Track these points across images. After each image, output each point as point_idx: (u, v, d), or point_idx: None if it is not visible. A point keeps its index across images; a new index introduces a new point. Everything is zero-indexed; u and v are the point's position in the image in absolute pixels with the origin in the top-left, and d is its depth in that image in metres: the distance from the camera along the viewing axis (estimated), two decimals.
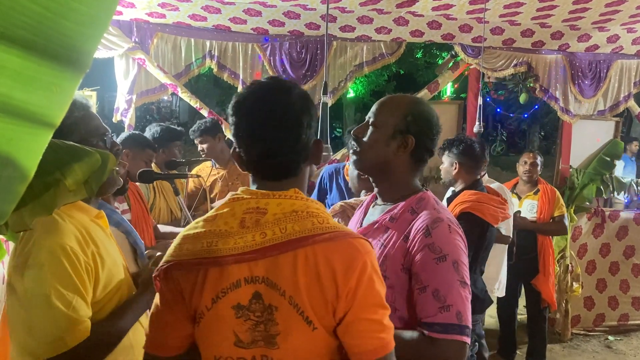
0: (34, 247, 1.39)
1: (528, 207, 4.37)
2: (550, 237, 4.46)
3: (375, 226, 1.63)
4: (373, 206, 1.76)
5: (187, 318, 1.25)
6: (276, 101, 1.24)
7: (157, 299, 1.28)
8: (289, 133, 1.25)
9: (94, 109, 1.71)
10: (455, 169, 3.21)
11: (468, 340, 1.44)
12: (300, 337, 1.17)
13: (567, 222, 4.43)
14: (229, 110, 1.27)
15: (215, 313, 1.21)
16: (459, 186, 3.23)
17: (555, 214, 4.33)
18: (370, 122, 1.67)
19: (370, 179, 1.73)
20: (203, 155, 4.11)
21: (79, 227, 1.50)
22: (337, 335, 1.19)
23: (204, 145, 4.05)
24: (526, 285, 4.45)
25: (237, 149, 1.28)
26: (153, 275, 1.26)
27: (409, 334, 1.46)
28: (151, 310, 1.31)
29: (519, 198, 4.44)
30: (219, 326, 1.21)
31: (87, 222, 1.56)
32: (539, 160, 4.46)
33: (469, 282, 1.50)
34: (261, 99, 1.25)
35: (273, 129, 1.24)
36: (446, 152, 3.27)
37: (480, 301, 3.04)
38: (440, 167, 3.37)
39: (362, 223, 1.76)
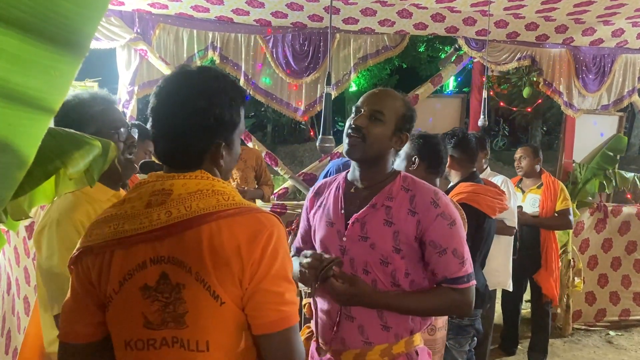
0: (49, 220, 1.63)
1: (531, 202, 4.32)
2: (554, 232, 4.39)
3: (375, 207, 1.75)
4: (354, 190, 1.84)
5: (97, 305, 1.25)
6: (180, 83, 1.26)
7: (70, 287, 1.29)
8: (188, 115, 1.23)
9: (116, 104, 1.84)
10: (448, 162, 3.17)
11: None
12: (209, 314, 1.17)
13: (572, 216, 4.33)
14: None
15: (123, 296, 1.21)
16: (454, 179, 3.21)
17: (559, 208, 4.25)
18: (376, 116, 1.75)
19: (358, 165, 1.82)
20: None
21: (94, 204, 1.68)
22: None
23: None
24: (530, 280, 4.43)
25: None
26: (68, 264, 1.27)
27: (436, 294, 1.73)
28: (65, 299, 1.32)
29: (523, 192, 4.41)
30: (127, 309, 1.21)
31: (104, 201, 1.72)
32: (529, 153, 4.37)
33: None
34: (169, 82, 1.27)
35: (171, 110, 1.24)
36: None
37: (481, 295, 3.03)
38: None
39: (343, 208, 1.81)
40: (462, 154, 3.15)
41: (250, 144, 4.70)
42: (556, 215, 4.26)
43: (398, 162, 2.98)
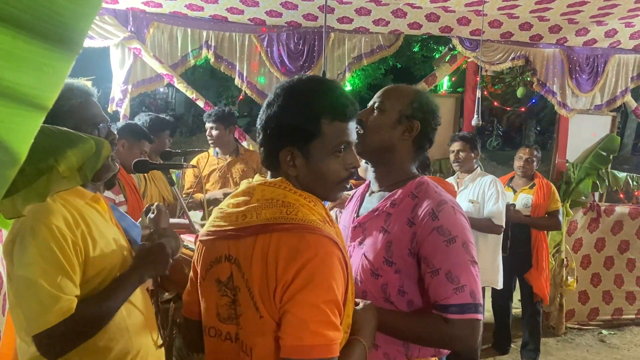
0: (21, 227, 1.43)
1: (523, 201, 4.35)
2: (545, 231, 4.45)
3: (376, 213, 1.64)
4: (369, 194, 1.77)
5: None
6: (278, 88, 1.31)
7: None
8: (263, 119, 1.31)
9: (95, 97, 1.68)
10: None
11: (482, 317, 1.49)
12: (252, 322, 1.20)
13: (561, 217, 4.43)
14: None
15: (205, 284, 1.31)
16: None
17: (550, 209, 4.32)
18: (375, 106, 1.69)
19: (370, 163, 1.74)
20: (210, 140, 4.16)
21: (70, 208, 1.51)
22: None
23: (215, 132, 4.11)
24: (520, 279, 4.46)
25: None
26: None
27: (420, 318, 1.51)
28: None
29: (514, 192, 4.43)
30: (207, 297, 1.31)
31: (81, 205, 1.57)
32: (535, 156, 4.41)
33: (477, 260, 1.54)
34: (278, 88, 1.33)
35: (263, 117, 1.31)
36: None
37: None
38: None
39: (358, 212, 1.75)
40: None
41: (244, 143, 4.69)
42: (547, 216, 4.32)
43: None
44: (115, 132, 1.73)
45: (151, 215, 2.13)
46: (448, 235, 1.49)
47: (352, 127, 1.31)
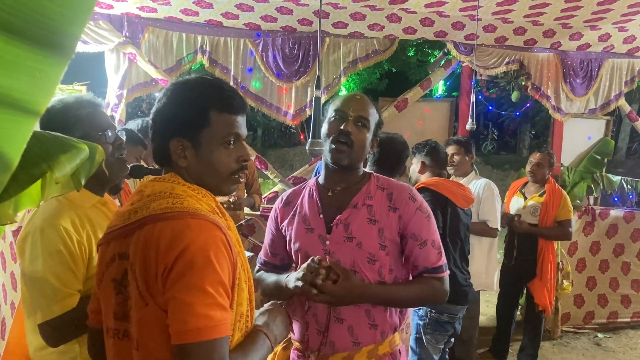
0: (32, 227, 1.60)
1: (531, 209, 4.25)
2: (553, 242, 4.31)
3: (357, 207, 1.80)
4: (330, 194, 1.86)
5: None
6: (169, 85, 1.36)
7: None
8: (155, 116, 1.33)
9: (102, 107, 1.81)
10: (419, 167, 3.31)
11: None
12: (138, 313, 1.19)
13: (572, 227, 4.27)
14: None
15: (103, 286, 1.30)
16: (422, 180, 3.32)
17: (560, 218, 4.19)
18: (362, 122, 1.80)
19: (340, 169, 1.85)
20: None
21: (78, 211, 1.65)
22: None
23: None
24: (525, 287, 4.41)
25: None
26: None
27: (419, 283, 1.81)
28: None
29: (525, 198, 4.34)
30: (105, 298, 1.29)
31: (88, 207, 1.71)
32: (546, 160, 4.30)
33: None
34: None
35: (153, 111, 1.34)
36: (416, 155, 3.36)
37: (463, 292, 3.08)
38: (410, 168, 3.44)
39: (321, 212, 1.83)
40: (432, 161, 3.29)
41: None
42: (556, 224, 4.21)
43: (412, 168, 3.30)
44: (124, 138, 1.83)
45: None
46: (426, 212, 1.81)
47: (242, 121, 1.35)
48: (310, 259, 1.69)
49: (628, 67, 5.40)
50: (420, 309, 3.08)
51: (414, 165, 3.36)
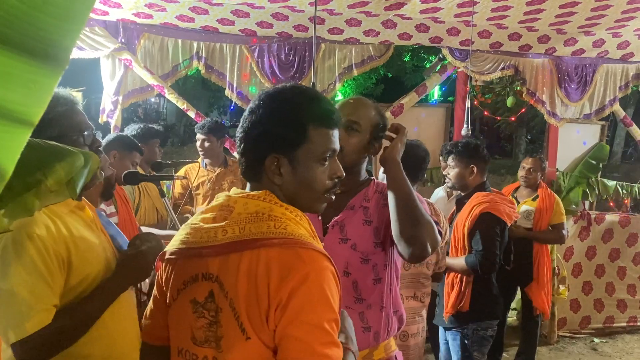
0: (4, 235, 1.42)
1: (524, 214, 4.27)
2: (547, 245, 4.34)
3: (353, 209, 1.82)
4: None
5: (166, 308, 1.27)
6: (262, 95, 1.27)
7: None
8: (246, 126, 1.25)
9: (80, 106, 1.67)
10: (473, 172, 3.18)
11: None
12: (236, 345, 1.12)
13: (565, 231, 4.32)
14: None
15: (178, 305, 1.23)
16: (469, 188, 3.21)
17: (554, 222, 4.24)
18: (350, 127, 1.80)
19: None
20: (200, 151, 4.17)
21: (53, 217, 1.51)
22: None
23: (207, 144, 4.12)
24: (522, 291, 4.41)
25: None
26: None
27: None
28: None
29: (517, 202, 4.34)
30: (180, 318, 1.22)
31: (65, 213, 1.57)
32: (538, 166, 4.36)
33: None
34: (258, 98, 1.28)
35: (243, 126, 1.26)
36: (452, 156, 3.21)
37: (499, 303, 3.23)
38: (447, 171, 3.30)
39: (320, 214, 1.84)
40: (482, 162, 3.21)
41: (235, 153, 4.68)
42: (550, 228, 4.25)
43: (459, 172, 3.20)
44: (101, 140, 1.73)
45: None
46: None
47: (337, 135, 1.30)
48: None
49: (622, 73, 5.43)
50: (465, 328, 3.08)
51: (459, 168, 3.20)
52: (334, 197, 1.34)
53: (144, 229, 3.22)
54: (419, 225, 1.66)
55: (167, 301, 1.26)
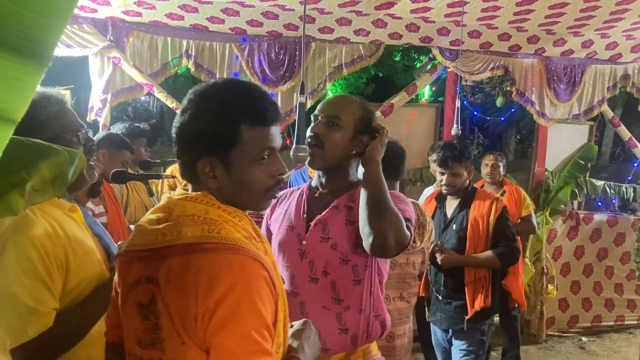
0: (2, 239, 1.41)
1: None
2: (519, 237, 4.41)
3: (337, 208, 1.79)
4: (317, 195, 1.86)
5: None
6: (191, 93, 1.22)
7: None
8: (177, 128, 1.19)
9: (69, 104, 1.66)
10: (471, 173, 3.30)
11: None
12: (174, 350, 1.09)
13: (534, 221, 4.44)
14: None
15: (126, 308, 1.19)
16: (462, 189, 3.27)
17: (523, 214, 4.35)
18: (332, 122, 1.77)
19: (322, 172, 1.85)
20: None
21: (51, 220, 1.49)
22: None
23: None
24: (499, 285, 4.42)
25: None
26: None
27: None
28: None
29: None
30: (128, 322, 1.19)
31: (60, 216, 1.54)
32: (500, 162, 4.47)
33: None
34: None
35: (177, 125, 1.21)
36: (457, 164, 3.18)
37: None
38: (446, 179, 3.24)
39: (305, 212, 1.84)
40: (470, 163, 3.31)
41: None
42: (520, 221, 4.34)
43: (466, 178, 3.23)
44: (94, 139, 1.71)
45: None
46: (400, 197, 1.85)
47: (275, 131, 1.22)
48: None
49: (610, 73, 5.47)
50: (483, 324, 3.13)
51: (465, 174, 3.22)
52: (277, 194, 1.32)
53: (134, 228, 3.19)
54: (381, 217, 1.63)
55: (120, 303, 1.23)
